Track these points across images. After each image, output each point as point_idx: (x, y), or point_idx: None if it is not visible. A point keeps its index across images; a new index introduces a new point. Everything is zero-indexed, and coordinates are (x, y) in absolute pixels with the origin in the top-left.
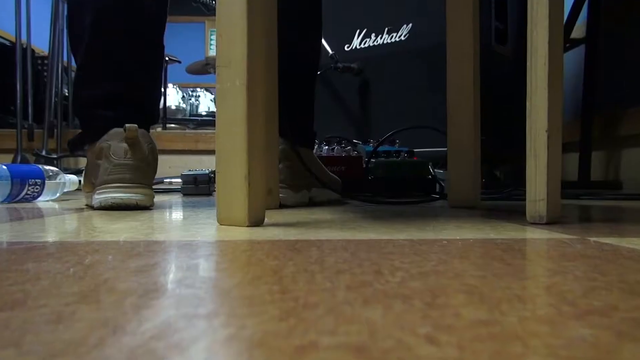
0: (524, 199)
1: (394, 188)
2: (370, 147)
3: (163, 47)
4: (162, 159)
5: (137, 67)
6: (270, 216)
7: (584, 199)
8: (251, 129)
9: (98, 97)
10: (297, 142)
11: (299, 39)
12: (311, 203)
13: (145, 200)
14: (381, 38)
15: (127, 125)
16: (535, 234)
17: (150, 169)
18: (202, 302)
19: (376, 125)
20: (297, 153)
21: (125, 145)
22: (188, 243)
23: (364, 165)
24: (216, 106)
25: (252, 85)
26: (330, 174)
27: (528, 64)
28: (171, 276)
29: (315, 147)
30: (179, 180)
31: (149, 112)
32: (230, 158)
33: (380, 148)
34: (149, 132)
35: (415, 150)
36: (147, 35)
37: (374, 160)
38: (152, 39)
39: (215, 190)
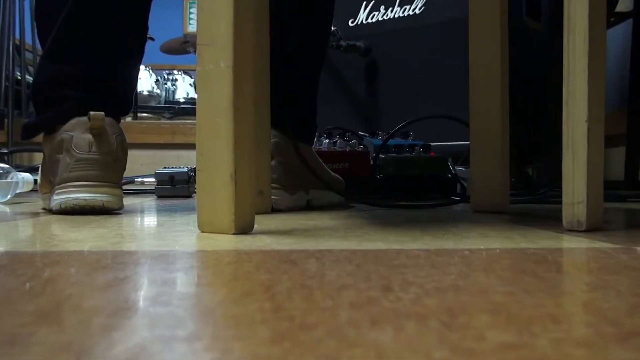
0: (561, 202)
1: (407, 189)
2: (379, 141)
3: (147, 28)
4: (132, 154)
5: (118, 47)
6: (261, 222)
7: (631, 201)
8: (238, 119)
9: (67, 74)
10: (296, 136)
11: (303, 13)
12: (309, 206)
13: (113, 202)
14: (392, 11)
15: (91, 113)
16: (572, 243)
17: (118, 165)
18: (181, 322)
19: (386, 114)
20: (296, 148)
21: (89, 136)
22: (164, 254)
23: (372, 162)
24: (197, 92)
25: (239, 68)
26: (332, 172)
27: (565, 41)
28: (145, 292)
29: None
30: (153, 179)
31: (122, 99)
32: (213, 153)
33: (391, 141)
34: (118, 122)
35: (432, 144)
36: (136, 13)
37: (383, 156)
38: (140, 18)
39: (195, 192)
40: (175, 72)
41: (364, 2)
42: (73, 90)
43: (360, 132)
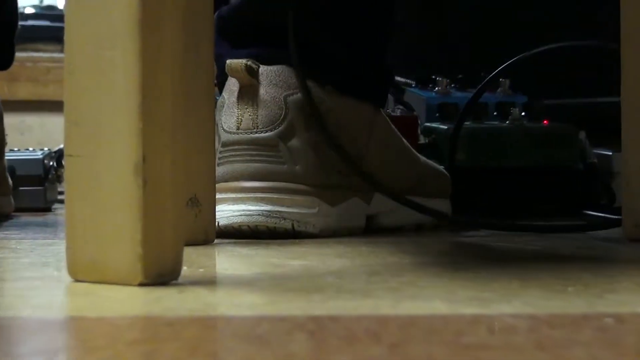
0: None
1: (496, 192)
2: (435, 95)
3: None
4: None
5: None
6: (197, 261)
7: None
8: (151, 53)
9: None
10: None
11: None
12: (371, 228)
13: None
14: None
15: None
16: None
17: None
18: None
19: (449, 42)
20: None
21: None
22: (2, 324)
23: (424, 140)
24: None
25: None
26: (426, 160)
27: None
28: None
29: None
30: None
31: None
32: (99, 122)
33: (454, 96)
34: None
35: (546, 102)
36: None
37: (446, 126)
38: None
39: (62, 201)
40: None
41: None
42: None
43: (399, 78)
